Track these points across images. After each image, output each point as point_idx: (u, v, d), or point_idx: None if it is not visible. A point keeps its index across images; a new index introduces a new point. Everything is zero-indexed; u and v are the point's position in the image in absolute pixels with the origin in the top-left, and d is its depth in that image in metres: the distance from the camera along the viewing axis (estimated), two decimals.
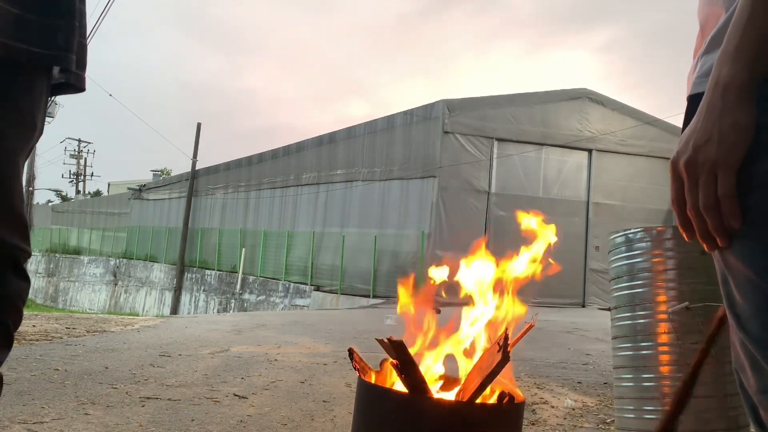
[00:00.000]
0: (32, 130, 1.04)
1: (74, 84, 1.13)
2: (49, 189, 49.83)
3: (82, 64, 1.12)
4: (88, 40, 1.16)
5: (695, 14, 0.88)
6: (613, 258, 2.78)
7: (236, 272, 18.35)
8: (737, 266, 0.72)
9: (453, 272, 1.64)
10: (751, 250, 0.70)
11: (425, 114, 13.61)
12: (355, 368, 1.47)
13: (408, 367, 1.37)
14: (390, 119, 14.79)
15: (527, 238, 1.61)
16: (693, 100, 0.80)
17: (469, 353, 1.56)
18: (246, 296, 17.68)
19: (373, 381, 1.46)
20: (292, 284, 15.97)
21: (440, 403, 1.34)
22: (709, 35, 0.79)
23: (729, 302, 0.76)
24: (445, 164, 12.88)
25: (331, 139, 16.77)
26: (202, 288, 20.35)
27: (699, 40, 0.84)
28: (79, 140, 45.53)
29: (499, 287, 1.58)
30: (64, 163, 45.48)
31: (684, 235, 0.76)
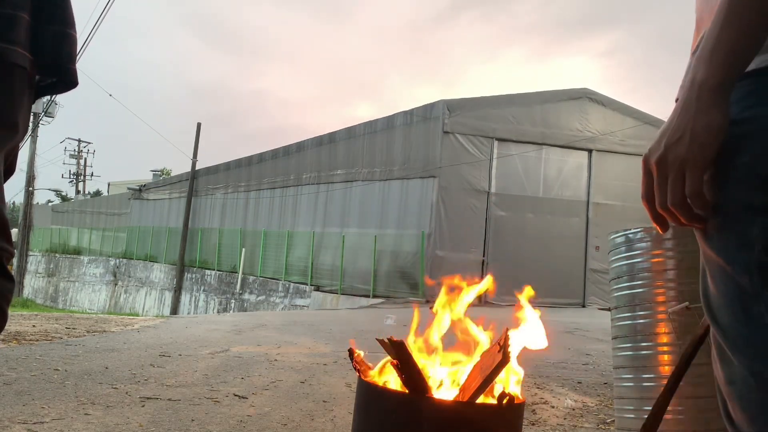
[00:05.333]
0: (11, 129, 1.02)
1: (66, 79, 1.10)
2: (49, 189, 49.77)
3: (62, 55, 1.07)
4: (88, 39, 1.13)
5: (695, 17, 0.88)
6: (613, 258, 2.78)
7: (236, 272, 18.34)
8: (712, 257, 0.73)
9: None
10: (724, 242, 0.71)
11: (425, 114, 13.60)
12: (355, 368, 1.47)
13: (408, 367, 1.37)
14: (390, 119, 14.77)
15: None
16: None
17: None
18: (246, 296, 17.67)
19: (373, 381, 1.46)
20: (292, 284, 15.96)
21: (440, 403, 1.34)
22: (703, 33, 0.79)
23: (704, 293, 0.77)
24: (445, 164, 12.87)
25: (331, 139, 16.75)
26: (202, 288, 20.34)
27: (696, 37, 0.84)
28: (79, 140, 45.48)
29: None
30: (64, 163, 45.43)
31: (658, 229, 0.78)
